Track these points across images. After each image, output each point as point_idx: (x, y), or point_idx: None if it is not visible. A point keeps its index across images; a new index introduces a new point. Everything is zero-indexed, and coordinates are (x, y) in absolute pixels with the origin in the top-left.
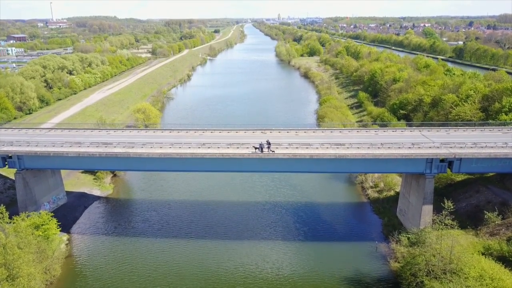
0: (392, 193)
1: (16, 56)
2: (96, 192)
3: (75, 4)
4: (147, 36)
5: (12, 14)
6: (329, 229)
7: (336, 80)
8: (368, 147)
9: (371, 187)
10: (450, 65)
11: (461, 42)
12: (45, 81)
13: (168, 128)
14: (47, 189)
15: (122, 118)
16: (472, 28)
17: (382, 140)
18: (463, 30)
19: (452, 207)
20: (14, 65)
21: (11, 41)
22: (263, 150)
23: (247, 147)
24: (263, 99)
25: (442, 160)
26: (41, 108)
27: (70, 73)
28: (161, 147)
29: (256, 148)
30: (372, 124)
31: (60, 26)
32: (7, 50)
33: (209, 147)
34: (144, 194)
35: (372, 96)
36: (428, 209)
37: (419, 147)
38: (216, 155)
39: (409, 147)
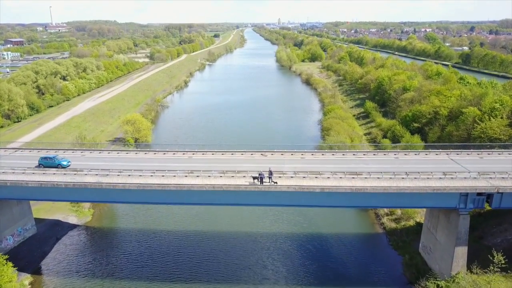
0: (412, 223)
1: (12, 60)
2: (72, 219)
3: (75, 9)
4: (145, 41)
5: (12, 18)
6: (340, 268)
7: (339, 88)
8: (390, 177)
9: (387, 214)
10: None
11: (465, 48)
12: (37, 87)
13: (152, 149)
14: (11, 220)
15: (111, 129)
16: (474, 33)
17: (405, 166)
18: (465, 35)
19: (503, 262)
20: (8, 70)
21: (8, 45)
22: (263, 180)
23: (244, 176)
24: (263, 107)
25: (479, 193)
26: (30, 115)
27: (64, 78)
28: (140, 175)
29: (254, 178)
30: (383, 138)
31: (59, 30)
32: (2, 55)
33: (197, 176)
34: (127, 221)
35: (379, 106)
36: (462, 251)
37: (452, 178)
38: (206, 187)
39: (440, 177)
